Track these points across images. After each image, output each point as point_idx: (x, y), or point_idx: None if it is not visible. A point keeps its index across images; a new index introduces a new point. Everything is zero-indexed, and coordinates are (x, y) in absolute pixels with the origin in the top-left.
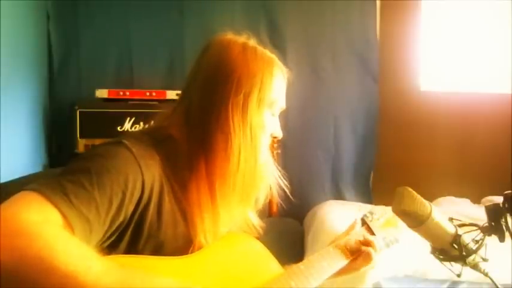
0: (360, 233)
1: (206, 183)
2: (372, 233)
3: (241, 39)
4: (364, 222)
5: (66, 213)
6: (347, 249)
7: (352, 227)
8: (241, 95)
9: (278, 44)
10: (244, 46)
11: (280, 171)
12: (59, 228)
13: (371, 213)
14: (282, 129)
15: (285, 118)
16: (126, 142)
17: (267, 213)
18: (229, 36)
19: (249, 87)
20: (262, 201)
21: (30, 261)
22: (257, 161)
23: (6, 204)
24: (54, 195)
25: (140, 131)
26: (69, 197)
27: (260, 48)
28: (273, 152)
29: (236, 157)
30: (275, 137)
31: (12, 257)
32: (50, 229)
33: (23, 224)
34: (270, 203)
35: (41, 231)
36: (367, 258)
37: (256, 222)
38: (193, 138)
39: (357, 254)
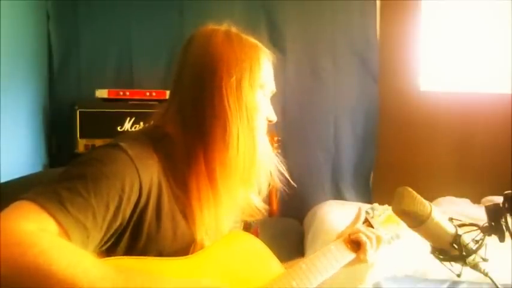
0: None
1: (205, 174)
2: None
3: (223, 28)
4: (365, 219)
5: (62, 222)
6: (349, 242)
7: (357, 217)
8: (234, 79)
9: (278, 44)
10: (227, 33)
11: (279, 157)
12: (55, 236)
13: (372, 209)
14: (282, 129)
15: (285, 118)
16: (122, 144)
17: (267, 213)
18: (210, 27)
19: (239, 71)
20: (264, 187)
21: (28, 270)
22: (255, 142)
23: (3, 214)
24: (50, 204)
25: (138, 131)
26: (65, 205)
27: (243, 35)
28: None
29: (235, 141)
30: (270, 121)
31: (10, 266)
32: (46, 237)
33: (20, 235)
34: (270, 202)
35: (36, 240)
36: (364, 247)
37: (260, 204)
38: (189, 131)
39: (361, 245)
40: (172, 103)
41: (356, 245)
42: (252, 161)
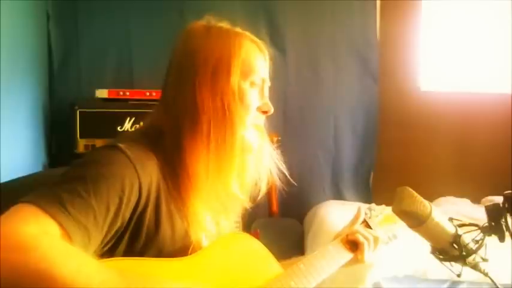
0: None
1: (184, 167)
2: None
3: (202, 22)
4: (363, 219)
5: (64, 224)
6: (347, 242)
7: (356, 217)
8: (208, 70)
9: (278, 44)
10: (207, 26)
11: (279, 155)
12: (56, 239)
13: (370, 209)
14: (282, 129)
15: (285, 118)
16: (121, 146)
17: (267, 213)
18: (193, 23)
19: (215, 60)
20: (263, 182)
21: (30, 275)
22: (234, 135)
23: (4, 218)
24: (51, 206)
25: (136, 131)
26: (66, 207)
27: (226, 26)
28: None
29: (206, 132)
30: (265, 112)
31: (12, 271)
32: (48, 241)
33: (21, 238)
34: (270, 202)
35: (38, 244)
36: (362, 248)
37: (243, 198)
38: (171, 127)
39: (358, 246)
40: (162, 102)
41: (354, 245)
42: (229, 152)
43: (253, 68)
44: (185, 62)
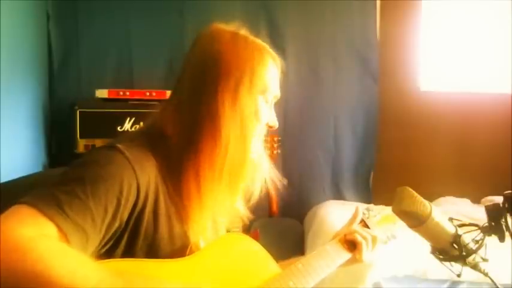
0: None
1: (193, 172)
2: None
3: (230, 28)
4: (361, 220)
5: (61, 226)
6: (345, 242)
7: (354, 216)
8: (232, 80)
9: (278, 44)
10: (234, 34)
11: (274, 166)
12: (53, 240)
13: (368, 209)
14: (282, 129)
15: (285, 118)
16: (119, 146)
17: (267, 213)
18: (218, 26)
19: (240, 72)
20: (257, 193)
21: (27, 276)
22: (247, 147)
23: (1, 220)
24: (48, 208)
25: (136, 132)
26: (63, 209)
27: (251, 37)
28: (272, 152)
29: (225, 142)
30: (271, 127)
31: (9, 272)
32: (45, 242)
33: (18, 240)
34: (270, 203)
35: (35, 246)
36: (360, 247)
37: (244, 212)
38: (183, 130)
39: (356, 246)
40: (171, 102)
41: (352, 245)
42: (241, 165)
43: (270, 85)
44: (206, 67)
